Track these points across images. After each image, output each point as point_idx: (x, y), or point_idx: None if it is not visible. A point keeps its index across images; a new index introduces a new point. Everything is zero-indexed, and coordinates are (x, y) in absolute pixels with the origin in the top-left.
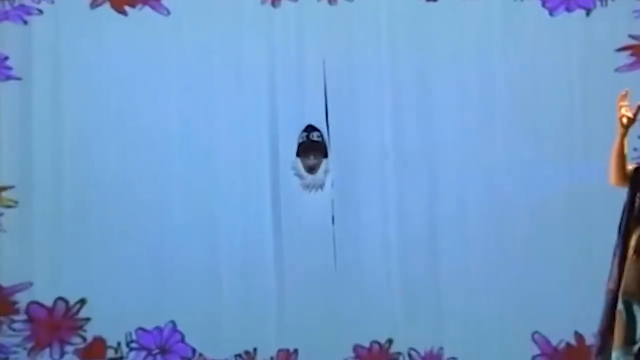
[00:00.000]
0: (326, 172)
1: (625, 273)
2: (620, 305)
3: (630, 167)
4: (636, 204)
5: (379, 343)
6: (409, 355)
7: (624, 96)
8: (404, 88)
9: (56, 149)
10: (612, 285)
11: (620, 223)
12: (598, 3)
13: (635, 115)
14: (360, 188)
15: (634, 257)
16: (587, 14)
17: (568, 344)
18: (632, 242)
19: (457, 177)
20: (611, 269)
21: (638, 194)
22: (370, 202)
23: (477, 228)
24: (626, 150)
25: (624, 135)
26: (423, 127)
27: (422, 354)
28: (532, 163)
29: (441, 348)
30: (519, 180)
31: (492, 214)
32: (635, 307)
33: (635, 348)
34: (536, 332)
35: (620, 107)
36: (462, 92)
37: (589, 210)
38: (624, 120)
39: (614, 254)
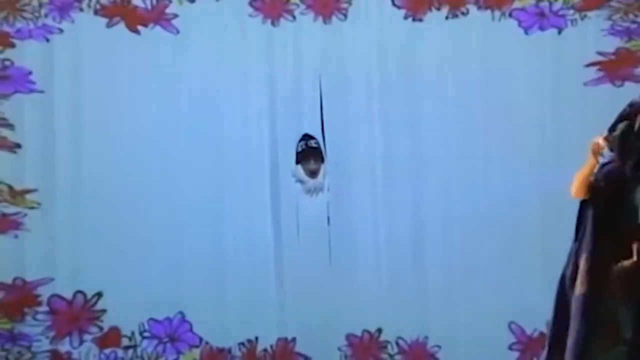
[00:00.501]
0: (325, 176)
1: (609, 278)
2: (605, 309)
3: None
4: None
5: (369, 332)
6: (397, 343)
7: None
8: (392, 101)
9: (75, 155)
10: (583, 290)
11: (584, 231)
12: (569, 23)
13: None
14: (353, 192)
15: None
16: (559, 32)
17: (541, 333)
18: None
19: (440, 183)
20: (576, 275)
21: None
22: (361, 205)
23: (459, 229)
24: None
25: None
26: (409, 137)
27: (409, 342)
28: (509, 172)
29: (426, 337)
30: (496, 186)
31: (472, 216)
32: (620, 309)
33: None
34: (512, 322)
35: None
36: (444, 106)
37: (560, 214)
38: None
39: (586, 261)
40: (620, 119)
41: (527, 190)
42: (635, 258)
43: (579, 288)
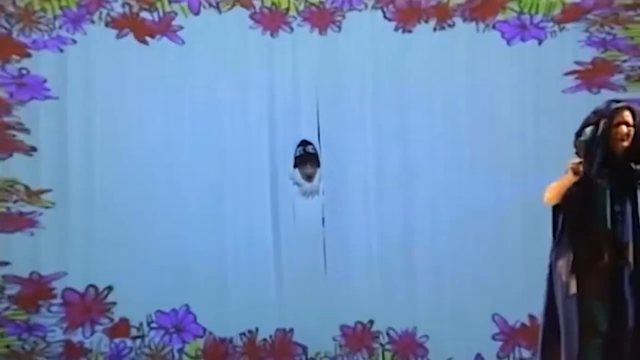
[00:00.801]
0: (320, 180)
1: (589, 278)
2: (584, 306)
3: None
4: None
5: (362, 323)
6: (388, 333)
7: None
8: (384, 109)
9: (87, 158)
10: (573, 290)
11: (560, 235)
12: (548, 34)
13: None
14: (347, 195)
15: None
16: (539, 43)
17: (523, 324)
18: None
19: (429, 186)
20: (562, 276)
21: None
22: (355, 207)
23: (446, 229)
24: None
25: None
26: (400, 144)
27: (399, 332)
28: (493, 176)
29: (415, 327)
30: (482, 188)
31: (458, 217)
32: (595, 305)
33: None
34: (496, 313)
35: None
36: (433, 113)
37: (540, 218)
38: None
39: (568, 263)
40: (586, 125)
41: (510, 194)
42: (605, 258)
43: (570, 289)
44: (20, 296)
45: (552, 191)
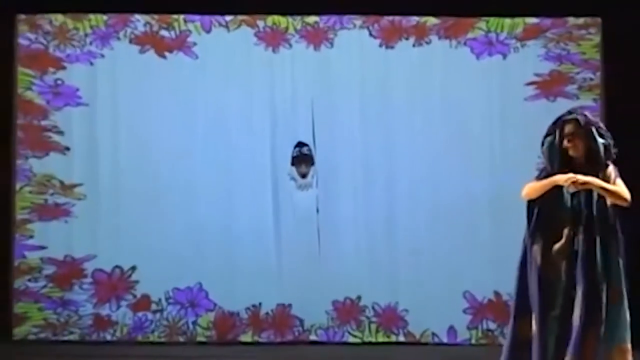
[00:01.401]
0: (313, 176)
1: (553, 260)
2: (550, 287)
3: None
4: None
5: (350, 299)
6: (373, 308)
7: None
8: (370, 114)
9: (114, 156)
10: (541, 271)
11: (534, 224)
12: (512, 50)
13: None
14: (338, 188)
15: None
16: (504, 58)
17: (489, 300)
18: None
19: (409, 181)
20: (536, 259)
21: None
22: (344, 198)
23: (423, 219)
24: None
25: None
26: (383, 143)
27: (382, 306)
28: (464, 172)
29: (396, 302)
30: (455, 184)
31: (434, 208)
32: (555, 281)
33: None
34: (466, 291)
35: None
36: (412, 118)
37: (505, 207)
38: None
39: (540, 247)
40: (547, 135)
41: (479, 189)
42: (564, 240)
43: (541, 270)
44: (55, 276)
45: (533, 190)
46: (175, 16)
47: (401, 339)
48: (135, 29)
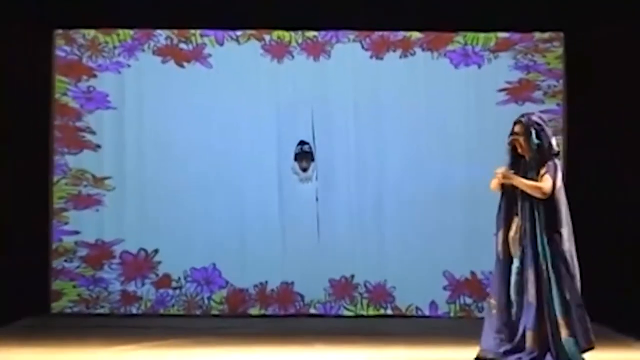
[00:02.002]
0: (313, 170)
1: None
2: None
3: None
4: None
5: (345, 277)
6: (365, 285)
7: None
8: (362, 116)
9: (139, 153)
10: (502, 255)
11: (500, 213)
12: (486, 60)
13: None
14: (334, 181)
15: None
16: (479, 67)
17: (466, 278)
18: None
19: (395, 174)
20: (498, 245)
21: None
22: (340, 190)
23: (408, 208)
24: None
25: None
26: (374, 141)
27: (373, 284)
28: (444, 165)
29: (385, 280)
30: (436, 175)
31: (418, 199)
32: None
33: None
34: (446, 270)
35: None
36: (399, 119)
37: (479, 197)
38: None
39: (502, 234)
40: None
41: (457, 180)
42: (514, 229)
43: (499, 255)
44: (88, 257)
45: (493, 184)
46: (192, 31)
47: (389, 312)
48: (158, 42)
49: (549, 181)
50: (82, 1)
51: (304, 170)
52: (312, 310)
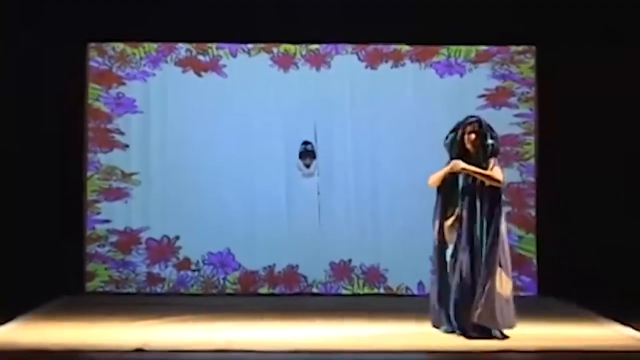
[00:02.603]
0: (315, 167)
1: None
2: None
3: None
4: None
5: (343, 260)
6: (360, 267)
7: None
8: (358, 119)
9: (162, 151)
10: (438, 241)
11: (437, 206)
12: (467, 70)
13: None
14: (333, 176)
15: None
16: (461, 76)
17: None
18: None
19: (387, 171)
20: (433, 231)
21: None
22: (338, 183)
23: (400, 200)
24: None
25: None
26: (368, 141)
27: (368, 266)
28: (431, 161)
29: (378, 263)
30: (422, 170)
31: (407, 192)
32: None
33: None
34: (431, 255)
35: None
36: (391, 122)
37: None
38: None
39: (438, 223)
40: (451, 131)
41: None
42: (454, 217)
43: (437, 240)
44: (117, 243)
45: (433, 179)
46: (209, 44)
47: (382, 291)
48: (179, 54)
49: (501, 173)
50: (112, 18)
51: (307, 166)
52: (314, 290)
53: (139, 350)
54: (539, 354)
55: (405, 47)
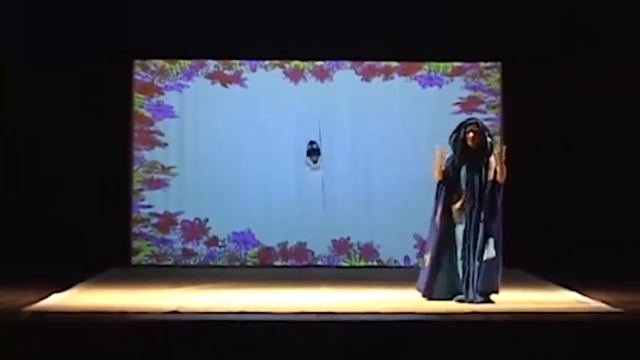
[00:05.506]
0: (321, 163)
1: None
2: (449, 229)
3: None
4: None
5: (343, 238)
6: (357, 244)
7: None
8: (355, 123)
9: (195, 149)
10: (443, 224)
11: (440, 194)
12: (444, 82)
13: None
14: (335, 170)
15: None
16: (440, 87)
17: None
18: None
19: (380, 165)
20: (435, 217)
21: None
22: (340, 176)
23: (391, 189)
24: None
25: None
26: (364, 142)
27: (363, 243)
28: (414, 158)
29: (372, 241)
30: (411, 165)
31: (397, 183)
32: (455, 228)
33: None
34: (415, 233)
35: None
36: (383, 126)
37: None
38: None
39: (442, 208)
40: (454, 132)
41: (422, 170)
42: (460, 202)
43: (440, 223)
44: (158, 224)
45: (436, 172)
46: (233, 61)
47: (375, 264)
48: (208, 69)
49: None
50: (153, 40)
51: (314, 162)
52: (320, 262)
53: (175, 312)
54: (513, 315)
55: (394, 63)
